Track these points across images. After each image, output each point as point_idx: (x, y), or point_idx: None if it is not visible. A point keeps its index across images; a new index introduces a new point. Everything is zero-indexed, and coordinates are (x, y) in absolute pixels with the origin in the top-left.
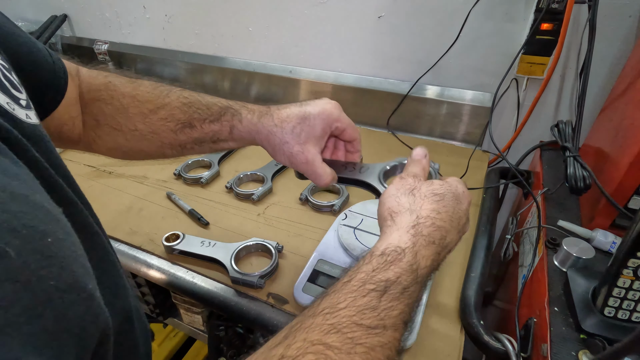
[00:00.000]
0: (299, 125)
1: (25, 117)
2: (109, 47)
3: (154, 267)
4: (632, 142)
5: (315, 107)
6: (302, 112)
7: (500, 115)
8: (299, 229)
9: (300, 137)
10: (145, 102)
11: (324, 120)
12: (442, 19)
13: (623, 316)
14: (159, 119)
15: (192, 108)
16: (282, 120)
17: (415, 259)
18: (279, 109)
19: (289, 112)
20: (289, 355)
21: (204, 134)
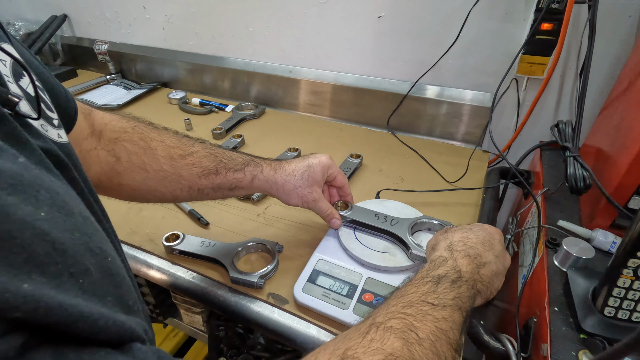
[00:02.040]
0: (305, 172)
1: (57, 136)
2: (109, 47)
3: (154, 267)
4: (632, 142)
5: (315, 159)
6: (307, 163)
7: (500, 115)
8: (299, 229)
9: (308, 181)
10: (173, 147)
11: (323, 168)
12: (442, 19)
13: (623, 316)
14: (187, 164)
15: (218, 157)
16: (293, 170)
17: (456, 262)
18: (288, 163)
19: (297, 165)
20: (378, 321)
21: (226, 181)
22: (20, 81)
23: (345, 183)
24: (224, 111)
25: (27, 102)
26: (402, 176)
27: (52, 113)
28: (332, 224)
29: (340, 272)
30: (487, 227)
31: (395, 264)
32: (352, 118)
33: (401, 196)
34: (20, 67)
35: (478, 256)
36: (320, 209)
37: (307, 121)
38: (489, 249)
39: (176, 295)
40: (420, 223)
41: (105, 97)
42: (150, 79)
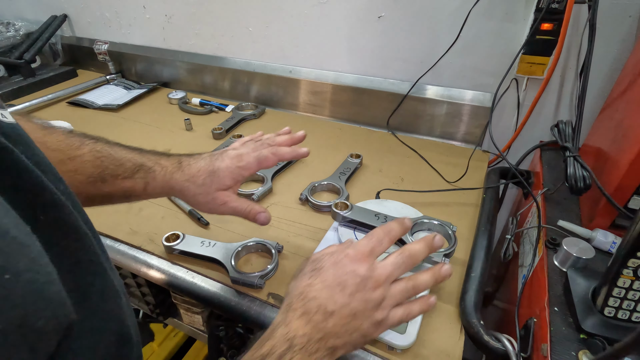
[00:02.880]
0: (207, 178)
1: (1, 116)
2: (108, 47)
3: (154, 267)
4: (632, 142)
5: (223, 162)
6: (211, 167)
7: (500, 115)
8: (299, 229)
9: (211, 188)
10: (54, 151)
11: (232, 173)
12: (442, 19)
13: (623, 316)
14: (67, 171)
15: (104, 163)
16: (192, 175)
17: (288, 328)
18: (189, 164)
19: (199, 167)
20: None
21: (115, 189)
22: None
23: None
24: (224, 111)
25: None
26: (402, 176)
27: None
28: (258, 220)
29: None
30: (342, 259)
31: None
32: (352, 118)
33: (401, 196)
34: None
35: (320, 308)
36: (235, 211)
37: (307, 121)
38: (340, 290)
39: (176, 295)
40: (420, 223)
41: (105, 97)
42: (150, 79)
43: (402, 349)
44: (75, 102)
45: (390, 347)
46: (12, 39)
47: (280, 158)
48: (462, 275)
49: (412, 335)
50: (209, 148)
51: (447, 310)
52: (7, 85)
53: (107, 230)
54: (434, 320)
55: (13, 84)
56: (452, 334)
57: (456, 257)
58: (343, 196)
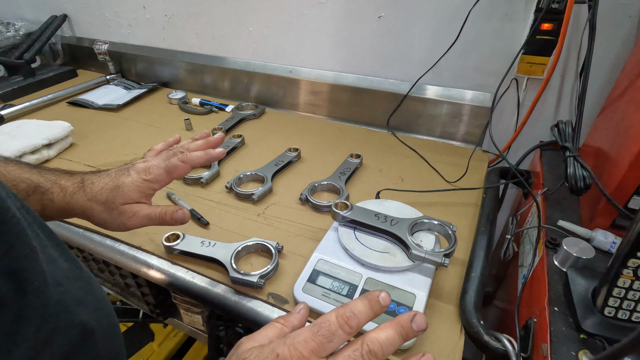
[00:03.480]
0: (111, 194)
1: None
2: (109, 47)
3: (154, 267)
4: (632, 142)
5: (128, 177)
6: (115, 183)
7: (500, 115)
8: (299, 229)
9: (115, 204)
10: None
11: (138, 187)
12: (442, 19)
13: (623, 316)
14: None
15: None
16: (95, 194)
17: None
18: (93, 182)
19: (102, 184)
20: None
21: None
22: None
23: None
24: (224, 111)
25: None
26: (402, 176)
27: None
28: (176, 219)
29: (340, 272)
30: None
31: (395, 264)
32: (352, 118)
33: (401, 196)
34: None
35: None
36: (149, 218)
37: (307, 121)
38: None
39: (176, 295)
40: (420, 223)
41: (105, 97)
42: (150, 79)
43: (402, 349)
44: (75, 102)
45: None
46: (12, 39)
47: (191, 164)
48: (462, 275)
49: None
50: None
51: (447, 310)
52: (7, 85)
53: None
54: (434, 320)
55: (13, 84)
56: (452, 334)
57: (456, 257)
58: (343, 196)
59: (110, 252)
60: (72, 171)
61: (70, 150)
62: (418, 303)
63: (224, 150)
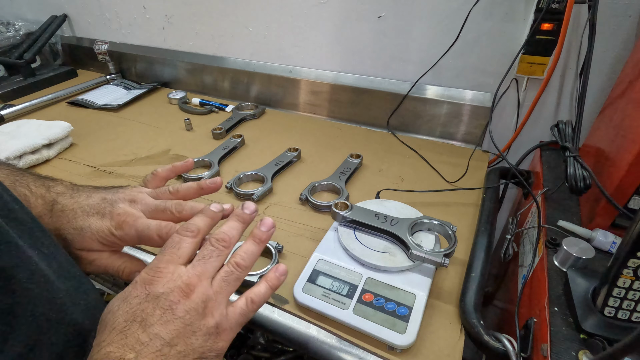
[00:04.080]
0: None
1: None
2: (109, 47)
3: None
4: (632, 142)
5: (97, 222)
6: (81, 224)
7: (500, 115)
8: (299, 229)
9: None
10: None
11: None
12: (442, 19)
13: (623, 316)
14: None
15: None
16: (58, 226)
17: None
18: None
19: (70, 219)
20: None
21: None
22: None
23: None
24: (224, 111)
25: None
26: (402, 176)
27: None
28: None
29: (340, 272)
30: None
31: (395, 264)
32: (352, 118)
33: (401, 196)
34: None
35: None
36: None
37: (307, 121)
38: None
39: None
40: (420, 223)
41: (105, 97)
42: (150, 79)
43: (402, 349)
44: (75, 102)
45: (390, 347)
46: (12, 39)
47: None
48: (462, 275)
49: (412, 335)
50: (209, 148)
51: (447, 310)
52: (7, 85)
53: None
54: (434, 320)
55: (13, 84)
56: (452, 334)
57: (456, 257)
58: (343, 196)
59: None
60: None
61: (70, 150)
62: (418, 303)
63: None
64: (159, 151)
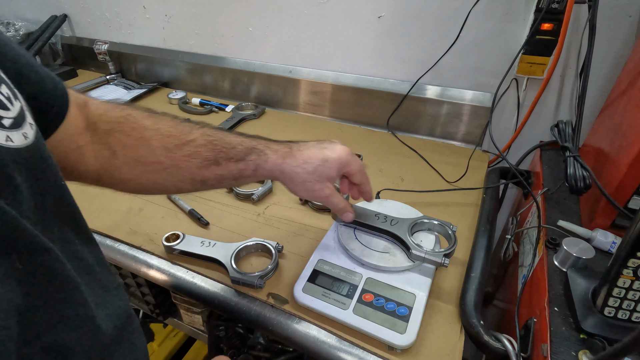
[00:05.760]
0: (319, 167)
1: (5, 140)
2: (108, 47)
3: (154, 267)
4: (632, 142)
5: (333, 152)
6: (323, 156)
7: (500, 115)
8: (299, 229)
9: (321, 176)
10: (168, 137)
11: (340, 165)
12: (442, 19)
13: (623, 316)
14: (184, 155)
15: (217, 146)
16: (305, 161)
17: None
18: (300, 150)
19: (311, 154)
20: None
21: (228, 171)
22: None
23: (363, 181)
24: (224, 111)
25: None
26: (402, 176)
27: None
28: (344, 218)
29: (340, 272)
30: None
31: (395, 264)
32: (352, 118)
33: (401, 196)
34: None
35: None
36: (333, 205)
37: (307, 121)
38: None
39: (176, 295)
40: (420, 223)
41: (105, 97)
42: (150, 79)
43: (402, 349)
44: None
45: (390, 347)
46: (12, 39)
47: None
48: (462, 275)
49: (412, 335)
50: None
51: (447, 310)
52: None
53: (106, 230)
54: (434, 320)
55: None
56: (452, 334)
57: (456, 257)
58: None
59: (110, 252)
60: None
61: None
62: (418, 303)
63: None
64: None
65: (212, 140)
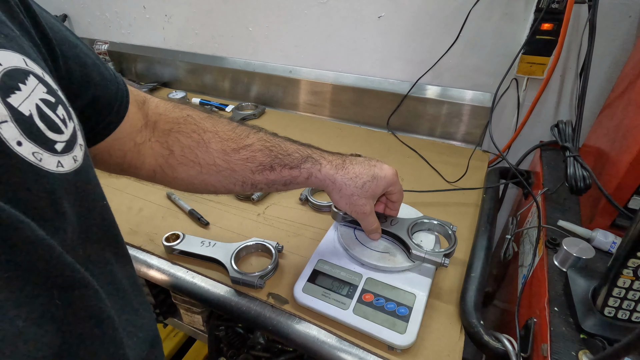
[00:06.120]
0: (368, 183)
1: (56, 166)
2: (109, 47)
3: (154, 267)
4: (632, 142)
5: (382, 171)
6: (373, 173)
7: (500, 115)
8: (299, 229)
9: (367, 193)
10: (227, 140)
11: (387, 184)
12: (442, 19)
13: (623, 316)
14: (240, 159)
15: (273, 152)
16: (356, 175)
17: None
18: (352, 164)
19: (362, 170)
20: None
21: (280, 177)
22: (12, 97)
23: (400, 200)
24: (224, 111)
25: (16, 123)
26: (402, 176)
27: (59, 134)
28: (373, 237)
29: (340, 272)
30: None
31: (395, 264)
32: (352, 118)
33: None
34: (25, 74)
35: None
36: (369, 223)
37: (307, 121)
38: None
39: (176, 295)
40: (420, 223)
41: None
42: (150, 79)
43: (402, 349)
44: None
45: (390, 347)
46: None
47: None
48: (462, 275)
49: (412, 335)
50: None
51: (447, 310)
52: None
53: None
54: (434, 320)
55: None
56: (452, 334)
57: (456, 257)
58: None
59: None
60: (327, 150)
61: None
62: (418, 303)
63: None
64: None
65: (269, 146)
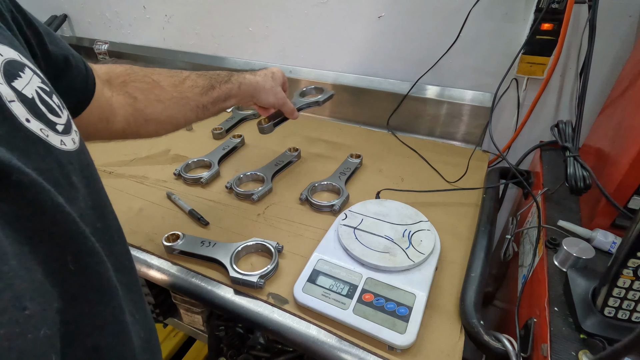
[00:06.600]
0: (274, 75)
1: (60, 143)
2: (109, 47)
3: (154, 267)
4: (632, 142)
5: (273, 68)
6: (270, 70)
7: (500, 115)
8: (299, 229)
9: (278, 81)
10: (170, 77)
11: (281, 73)
12: (442, 19)
13: (623, 316)
14: (188, 86)
15: (207, 76)
16: (265, 75)
17: None
18: (257, 71)
19: (265, 71)
20: None
21: (220, 93)
22: (15, 82)
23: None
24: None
25: (22, 104)
26: (402, 176)
27: (58, 117)
28: (294, 116)
29: (340, 272)
30: None
31: (395, 264)
32: (352, 118)
33: (401, 196)
34: (22, 66)
35: None
36: (289, 106)
37: (306, 121)
38: None
39: (176, 295)
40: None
41: None
42: None
43: (402, 349)
44: None
45: (390, 347)
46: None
47: None
48: (462, 275)
49: (412, 335)
50: (209, 148)
51: (447, 310)
52: None
53: None
54: (434, 320)
55: None
56: (452, 334)
57: (456, 257)
58: (343, 196)
59: None
60: None
61: None
62: (418, 303)
63: None
64: (159, 151)
65: (201, 74)
